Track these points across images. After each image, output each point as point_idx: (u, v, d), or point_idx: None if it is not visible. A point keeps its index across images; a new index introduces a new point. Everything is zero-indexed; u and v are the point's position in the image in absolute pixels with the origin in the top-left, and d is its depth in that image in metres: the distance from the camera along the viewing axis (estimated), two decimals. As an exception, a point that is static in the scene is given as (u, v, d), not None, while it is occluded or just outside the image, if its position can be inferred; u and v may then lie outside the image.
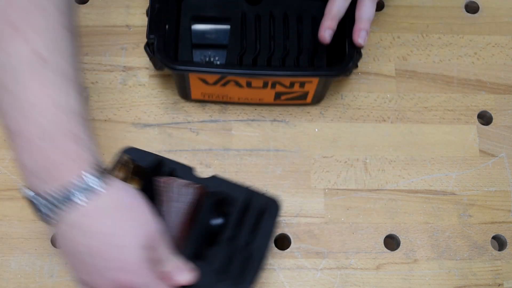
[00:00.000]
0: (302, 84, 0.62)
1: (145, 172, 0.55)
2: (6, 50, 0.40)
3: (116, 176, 0.48)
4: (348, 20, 0.61)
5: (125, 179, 0.52)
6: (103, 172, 0.44)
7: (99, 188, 0.43)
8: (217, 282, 0.52)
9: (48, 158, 0.42)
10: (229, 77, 0.60)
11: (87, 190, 0.43)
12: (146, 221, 0.46)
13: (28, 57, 0.41)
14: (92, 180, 0.43)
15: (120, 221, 0.44)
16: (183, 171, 0.57)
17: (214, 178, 0.57)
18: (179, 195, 0.53)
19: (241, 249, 0.54)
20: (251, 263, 0.53)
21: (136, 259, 0.44)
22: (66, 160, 0.42)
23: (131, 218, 0.45)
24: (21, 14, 0.40)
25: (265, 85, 0.62)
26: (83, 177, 0.43)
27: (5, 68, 0.41)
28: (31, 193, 0.43)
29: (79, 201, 0.42)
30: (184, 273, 0.49)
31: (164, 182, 0.53)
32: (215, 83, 0.61)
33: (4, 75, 0.41)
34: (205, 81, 0.61)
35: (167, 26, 0.61)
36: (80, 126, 0.43)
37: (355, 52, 0.60)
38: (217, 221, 0.55)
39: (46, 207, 0.43)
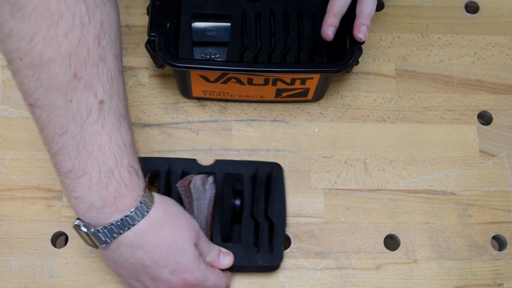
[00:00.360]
0: (303, 81, 0.62)
1: (158, 178, 0.60)
2: (71, 98, 0.44)
3: None
4: (348, 17, 0.61)
5: None
6: (148, 191, 0.50)
7: (150, 208, 0.49)
8: (253, 256, 0.58)
9: (111, 192, 0.46)
10: (230, 74, 0.60)
11: (143, 212, 0.48)
12: (189, 223, 0.52)
13: (90, 103, 0.44)
14: (145, 203, 0.48)
15: (171, 230, 0.50)
16: (189, 165, 0.61)
17: (217, 162, 0.62)
18: (201, 193, 0.57)
19: (262, 220, 0.59)
20: (275, 230, 0.59)
21: (192, 258, 0.51)
22: (127, 191, 0.47)
23: (178, 225, 0.51)
24: (86, 66, 0.43)
25: (266, 82, 0.62)
26: (140, 202, 0.48)
27: (68, 115, 0.44)
28: (92, 230, 0.48)
29: (138, 224, 0.48)
30: (226, 256, 0.57)
31: (183, 186, 0.58)
32: (216, 80, 0.61)
33: (67, 121, 0.44)
34: (206, 79, 0.61)
35: (167, 24, 0.61)
36: (134, 157, 0.48)
37: (356, 48, 0.60)
38: (235, 201, 0.60)
39: (107, 236, 0.48)
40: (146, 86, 0.68)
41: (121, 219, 0.47)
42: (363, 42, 0.60)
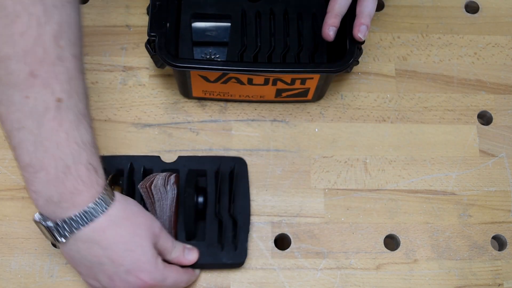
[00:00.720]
0: (303, 81, 0.62)
1: (121, 177, 0.60)
2: (28, 95, 0.45)
3: None
4: (349, 17, 0.61)
5: None
6: (108, 189, 0.50)
7: (109, 205, 0.49)
8: (216, 253, 0.58)
9: (68, 188, 0.47)
10: (230, 74, 0.60)
11: (101, 209, 0.49)
12: (148, 223, 0.52)
13: (47, 101, 0.45)
14: (104, 200, 0.49)
15: (130, 228, 0.50)
16: (152, 162, 0.62)
17: (180, 159, 0.62)
18: (162, 194, 0.57)
19: (226, 218, 0.59)
20: (239, 227, 0.59)
21: (150, 257, 0.51)
22: (84, 187, 0.48)
23: (137, 223, 0.51)
24: (42, 64, 0.44)
25: (266, 82, 0.62)
26: (98, 199, 0.48)
27: (25, 110, 0.45)
28: (51, 224, 0.48)
29: (96, 220, 0.48)
30: (191, 252, 0.57)
31: (144, 187, 0.58)
32: (216, 80, 0.61)
33: (25, 117, 0.45)
34: (206, 79, 0.61)
35: (167, 24, 0.61)
36: (93, 155, 0.49)
37: (356, 48, 0.60)
38: (199, 199, 0.59)
39: (65, 231, 0.48)
40: (146, 86, 0.68)
41: (79, 214, 0.47)
42: (363, 42, 0.60)
